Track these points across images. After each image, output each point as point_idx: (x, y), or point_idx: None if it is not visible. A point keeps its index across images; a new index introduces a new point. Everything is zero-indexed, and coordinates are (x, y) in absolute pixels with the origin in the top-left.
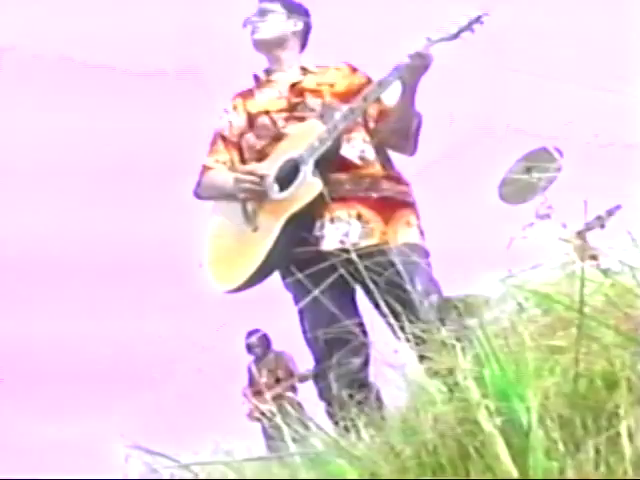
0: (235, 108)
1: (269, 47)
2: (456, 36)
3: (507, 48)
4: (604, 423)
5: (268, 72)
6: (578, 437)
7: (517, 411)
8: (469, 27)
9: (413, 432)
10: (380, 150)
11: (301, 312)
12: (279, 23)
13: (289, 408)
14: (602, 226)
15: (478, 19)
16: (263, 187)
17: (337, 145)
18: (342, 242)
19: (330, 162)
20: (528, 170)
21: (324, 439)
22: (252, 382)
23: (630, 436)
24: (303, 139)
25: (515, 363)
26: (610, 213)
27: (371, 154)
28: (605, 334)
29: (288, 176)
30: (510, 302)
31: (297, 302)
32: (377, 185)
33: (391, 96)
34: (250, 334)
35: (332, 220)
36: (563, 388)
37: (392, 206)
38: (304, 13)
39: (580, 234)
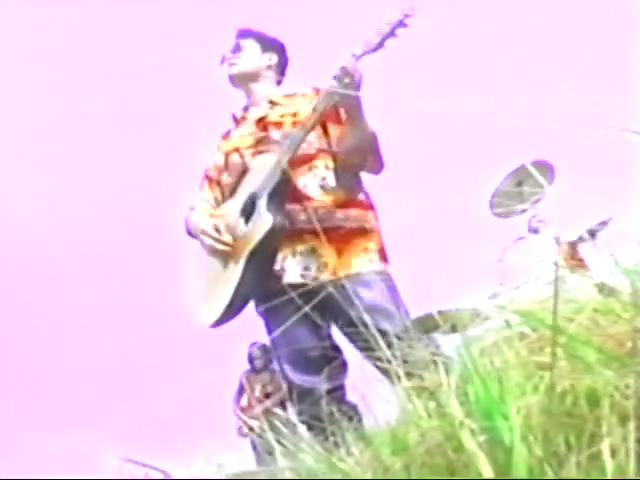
0: (218, 149)
1: (244, 82)
2: (381, 45)
3: (503, 52)
4: (587, 440)
5: (245, 109)
6: (561, 454)
7: (500, 429)
8: (392, 33)
9: (402, 447)
10: (345, 174)
11: (273, 340)
12: (253, 58)
13: (279, 423)
14: (593, 238)
15: (400, 23)
16: (224, 245)
17: (287, 176)
18: (303, 276)
19: (283, 194)
20: (519, 184)
21: (313, 454)
22: (241, 395)
23: (613, 453)
24: (261, 173)
25: (499, 381)
26: (592, 232)
27: (332, 181)
28: (589, 353)
29: (250, 211)
30: (498, 318)
31: (268, 329)
32: (332, 215)
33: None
34: (253, 345)
35: (293, 254)
36: (547, 406)
37: (347, 236)
38: (279, 47)
39: (571, 246)
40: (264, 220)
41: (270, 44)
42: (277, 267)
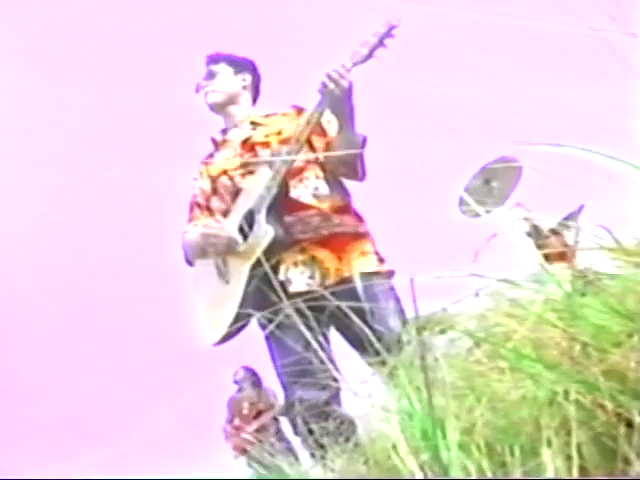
0: (201, 174)
1: (222, 107)
2: (370, 56)
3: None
4: (531, 450)
5: (224, 132)
6: (507, 466)
7: (438, 447)
8: (381, 44)
9: (378, 461)
10: (335, 181)
11: (272, 352)
12: (227, 82)
13: (266, 442)
14: (568, 227)
15: (388, 33)
16: (227, 242)
17: (284, 189)
18: (308, 285)
19: (281, 207)
20: (487, 181)
21: (296, 469)
22: (232, 417)
23: (554, 461)
24: (256, 189)
25: (441, 396)
26: (565, 223)
27: (325, 189)
28: (529, 363)
29: (247, 228)
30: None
31: (268, 341)
32: (327, 222)
33: (332, 128)
34: (238, 370)
35: (295, 264)
36: (491, 418)
37: (344, 240)
38: (250, 66)
39: (554, 232)
40: (265, 233)
41: (242, 64)
42: (282, 278)
